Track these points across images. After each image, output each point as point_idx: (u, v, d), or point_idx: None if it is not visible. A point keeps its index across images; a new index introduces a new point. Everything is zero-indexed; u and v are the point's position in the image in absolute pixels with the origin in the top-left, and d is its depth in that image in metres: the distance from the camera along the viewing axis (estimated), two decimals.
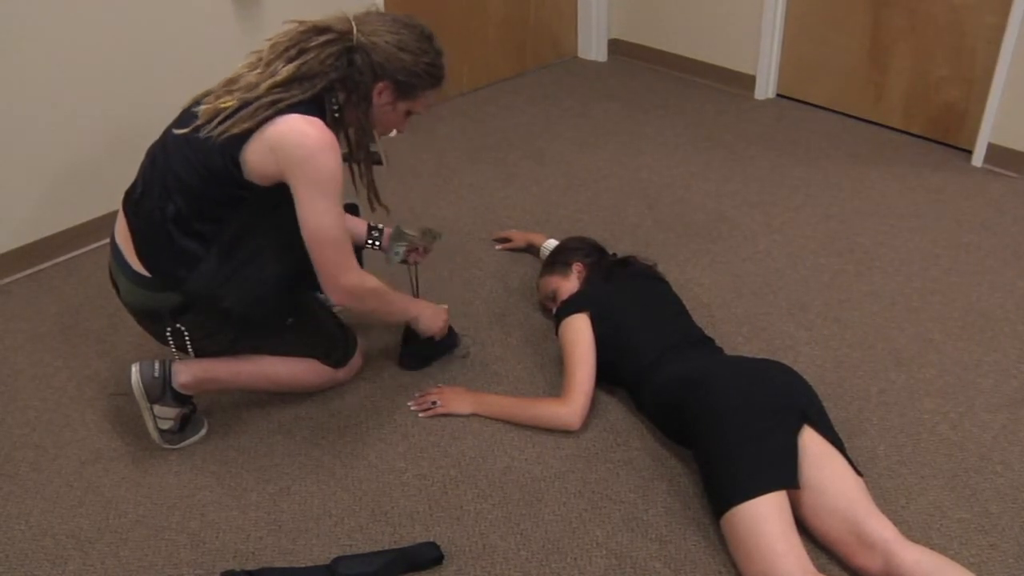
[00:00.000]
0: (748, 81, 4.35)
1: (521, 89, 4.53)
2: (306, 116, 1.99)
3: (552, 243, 2.95)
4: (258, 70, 2.03)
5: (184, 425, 2.33)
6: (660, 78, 4.61)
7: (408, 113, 2.20)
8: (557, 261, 2.66)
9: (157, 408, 2.25)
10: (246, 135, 1.98)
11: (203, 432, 2.38)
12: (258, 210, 2.10)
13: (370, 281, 2.22)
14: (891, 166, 3.66)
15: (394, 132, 2.30)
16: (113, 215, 3.30)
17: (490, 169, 3.73)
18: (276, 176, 2.02)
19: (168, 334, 2.23)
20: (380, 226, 2.65)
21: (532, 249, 3.09)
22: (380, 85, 2.08)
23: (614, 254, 2.72)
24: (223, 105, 2.00)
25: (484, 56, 4.50)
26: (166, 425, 2.28)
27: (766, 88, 4.31)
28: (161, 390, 2.25)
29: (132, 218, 2.17)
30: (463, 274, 3.02)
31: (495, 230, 3.26)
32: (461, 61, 4.39)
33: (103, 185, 3.19)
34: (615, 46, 4.88)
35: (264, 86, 1.98)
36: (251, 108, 1.98)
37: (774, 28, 4.15)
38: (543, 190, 3.55)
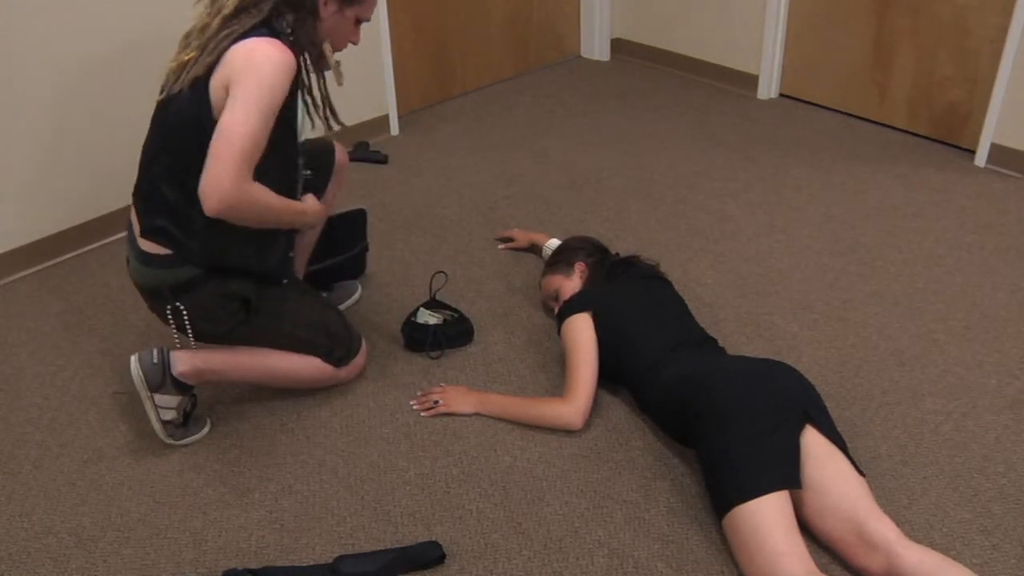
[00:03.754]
0: (751, 81, 4.34)
1: (524, 88, 4.53)
2: (263, 38, 1.99)
3: (555, 243, 2.95)
4: (208, 11, 2.05)
5: (187, 418, 2.33)
6: (663, 77, 4.61)
7: (358, 21, 2.20)
8: (560, 261, 2.65)
9: (158, 397, 2.24)
10: (210, 71, 1.99)
11: (206, 430, 2.38)
12: None
13: (257, 195, 2.02)
14: (894, 166, 3.65)
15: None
16: (117, 212, 3.30)
17: (493, 168, 3.73)
18: None
19: (168, 312, 2.22)
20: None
21: (535, 249, 3.09)
22: None
23: (617, 254, 2.72)
24: (186, 58, 2.02)
25: (487, 55, 4.50)
26: (168, 416, 2.28)
27: (769, 88, 4.30)
28: (161, 377, 2.24)
29: (136, 198, 2.19)
30: (466, 274, 3.02)
31: (498, 229, 3.26)
32: (464, 60, 4.39)
33: (107, 184, 3.20)
34: (618, 45, 4.88)
35: (216, 23, 2.00)
36: (210, 47, 1.99)
37: (777, 28, 4.14)
38: (546, 189, 3.55)
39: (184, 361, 2.27)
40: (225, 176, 1.94)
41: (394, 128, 4.07)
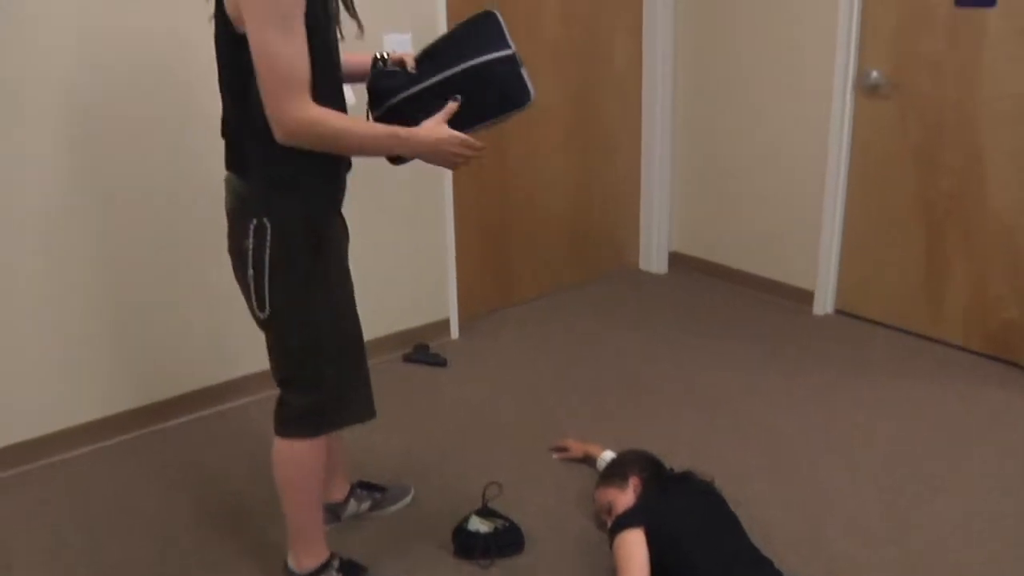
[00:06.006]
0: (807, 296, 4.41)
1: (582, 298, 4.65)
2: None
3: (609, 455, 2.96)
4: None
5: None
6: (719, 291, 4.71)
7: None
8: (614, 474, 2.66)
9: None
10: None
11: None
12: None
13: (322, 115, 1.96)
14: (952, 384, 3.64)
15: None
16: (170, 401, 3.38)
17: (550, 375, 3.79)
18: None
19: (252, 230, 2.07)
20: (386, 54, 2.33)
21: (589, 460, 3.10)
22: None
23: (671, 468, 2.72)
24: None
25: (546, 265, 4.66)
26: None
27: (824, 303, 4.36)
28: None
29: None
30: (519, 481, 3.03)
31: (553, 437, 3.28)
32: (523, 269, 4.55)
33: (159, 372, 3.30)
34: (675, 259, 5.02)
35: None
36: None
37: (832, 244, 4.25)
38: (602, 399, 3.59)
39: (294, 555, 2.42)
40: (274, 105, 1.92)
41: (454, 332, 4.18)
